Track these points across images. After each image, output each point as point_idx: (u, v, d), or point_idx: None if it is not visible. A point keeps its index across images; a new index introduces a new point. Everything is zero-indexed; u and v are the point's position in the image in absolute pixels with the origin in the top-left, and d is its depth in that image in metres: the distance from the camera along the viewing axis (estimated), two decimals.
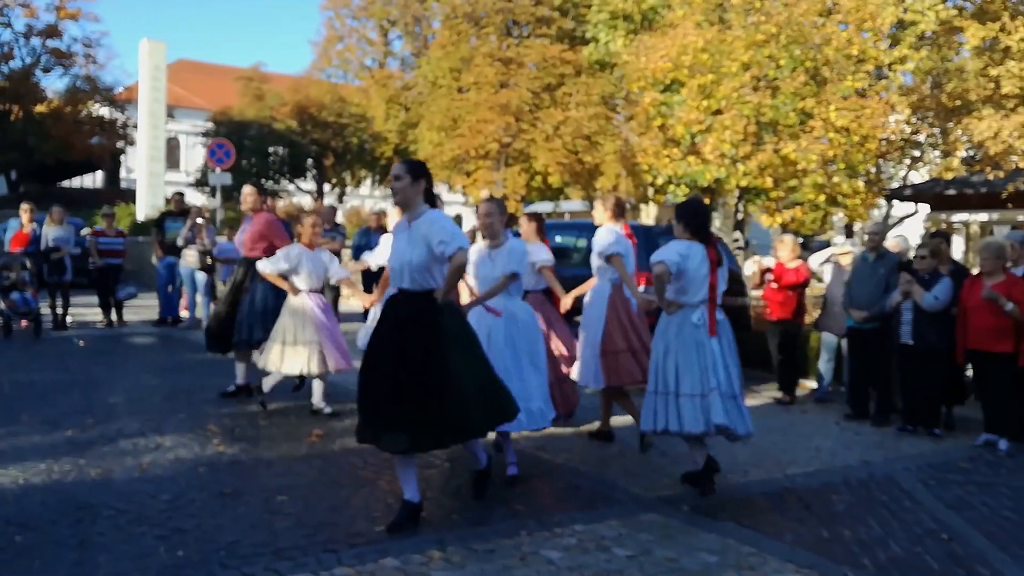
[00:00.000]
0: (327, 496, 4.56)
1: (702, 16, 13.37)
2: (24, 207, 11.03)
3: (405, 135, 30.46)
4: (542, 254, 6.16)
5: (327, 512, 4.30)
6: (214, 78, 44.50)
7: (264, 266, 6.58)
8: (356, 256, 13.04)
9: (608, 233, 6.21)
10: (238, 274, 7.28)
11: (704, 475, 4.93)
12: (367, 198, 44.42)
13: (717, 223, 19.58)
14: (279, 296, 6.75)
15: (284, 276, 6.53)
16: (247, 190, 7.41)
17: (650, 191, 29.35)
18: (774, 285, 8.31)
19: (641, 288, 6.60)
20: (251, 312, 6.90)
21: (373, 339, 4.23)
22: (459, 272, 4.11)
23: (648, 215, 35.42)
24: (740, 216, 14.57)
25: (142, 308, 13.29)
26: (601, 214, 6.46)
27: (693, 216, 5.05)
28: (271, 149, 32.48)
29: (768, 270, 8.46)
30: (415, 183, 4.20)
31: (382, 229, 12.41)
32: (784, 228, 13.63)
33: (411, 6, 31.44)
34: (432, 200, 4.32)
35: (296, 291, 6.49)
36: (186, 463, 5.11)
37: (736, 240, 13.90)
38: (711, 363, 4.83)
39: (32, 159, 31.05)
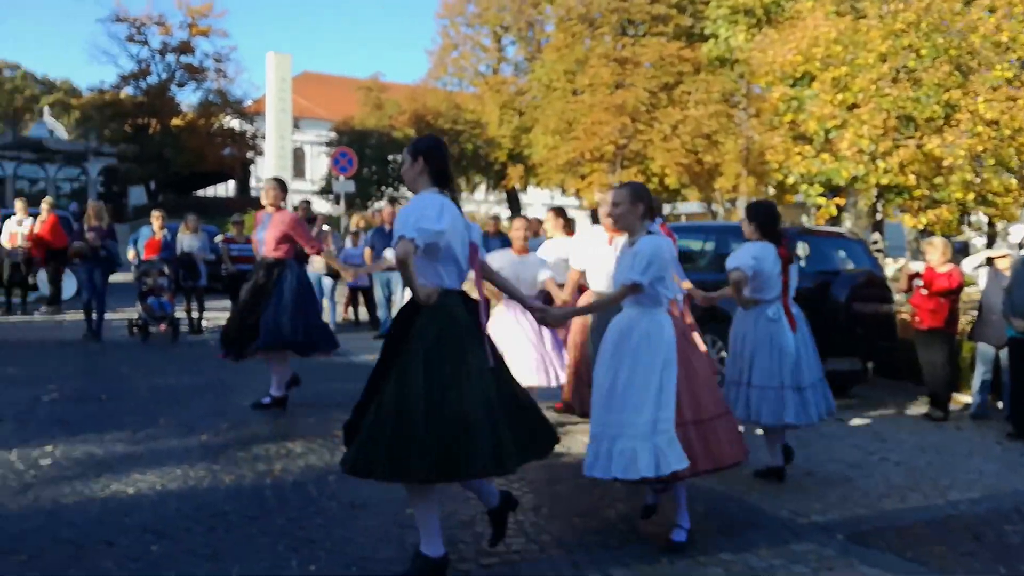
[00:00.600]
0: (457, 511, 4.41)
1: (833, 6, 12.66)
2: (155, 215, 11.45)
3: (519, 140, 30.52)
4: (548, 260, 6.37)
5: (457, 528, 4.15)
6: (336, 89, 45.91)
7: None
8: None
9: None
10: (259, 276, 6.56)
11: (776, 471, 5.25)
12: (482, 203, 44.82)
13: (848, 224, 18.60)
14: (309, 295, 6.62)
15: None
16: (268, 184, 6.78)
17: (771, 190, 28.39)
18: (924, 291, 7.69)
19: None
20: (278, 313, 6.39)
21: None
22: (400, 266, 3.37)
23: None
24: (879, 217, 13.73)
25: None
26: None
27: (765, 217, 5.24)
28: (390, 157, 33.17)
29: (917, 275, 7.85)
30: (413, 164, 3.69)
31: (500, 234, 12.37)
32: (925, 229, 12.76)
33: (524, 11, 31.48)
34: (442, 181, 3.68)
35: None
36: (316, 471, 5.08)
37: (875, 242, 13.10)
38: (786, 358, 5.13)
39: (168, 170, 32.81)
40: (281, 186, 6.72)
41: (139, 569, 3.53)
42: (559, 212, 7.03)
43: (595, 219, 32.08)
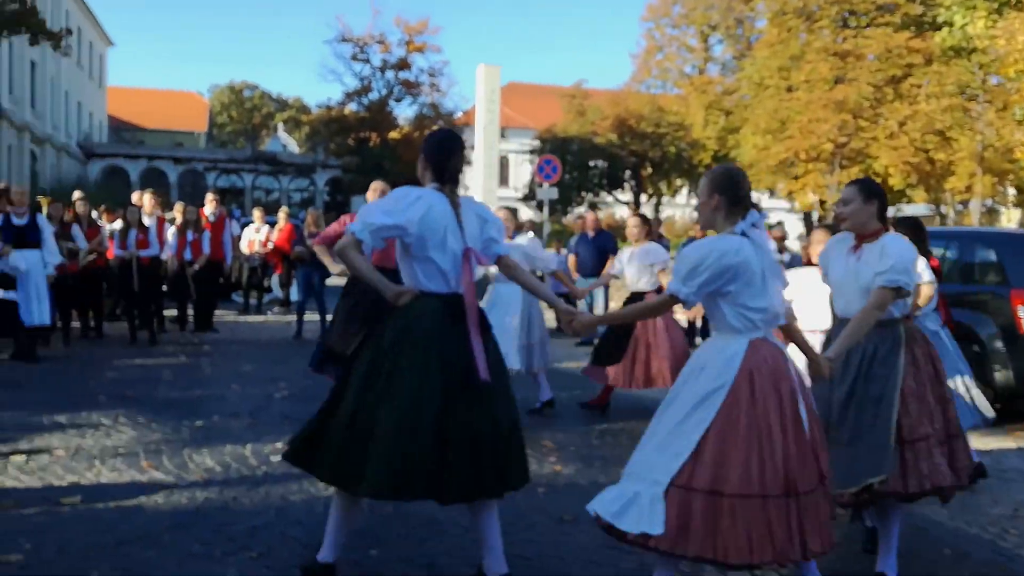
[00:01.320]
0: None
1: None
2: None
3: (724, 141, 29.57)
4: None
5: None
6: (540, 98, 46.73)
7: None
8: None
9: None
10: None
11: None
12: (684, 207, 43.87)
13: None
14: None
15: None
16: (377, 185, 6.61)
17: (1011, 191, 25.60)
18: None
19: None
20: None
21: None
22: (342, 259, 3.22)
23: (1010, 220, 30.92)
24: None
25: None
26: None
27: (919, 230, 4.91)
28: (591, 163, 33.23)
29: None
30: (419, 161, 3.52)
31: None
32: None
33: (734, 8, 30.48)
34: (441, 177, 3.40)
35: None
36: (546, 480, 5.04)
37: None
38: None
39: (387, 180, 34.69)
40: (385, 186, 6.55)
41: (355, 574, 3.61)
42: (644, 219, 7.36)
43: (807, 221, 30.43)
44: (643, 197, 35.93)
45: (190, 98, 57.15)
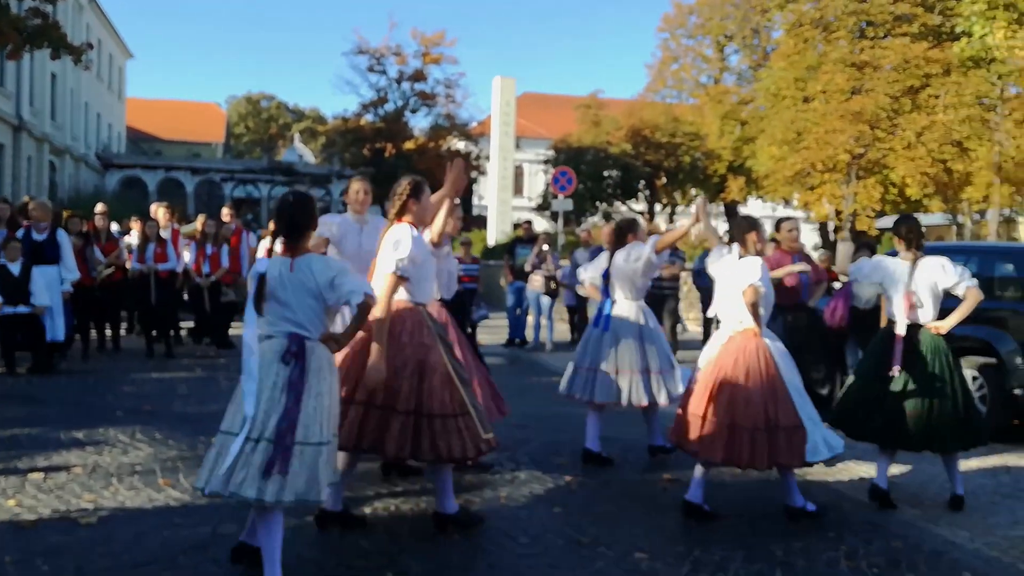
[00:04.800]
0: (686, 557, 4.16)
1: None
2: None
3: (740, 151, 29.48)
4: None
5: None
6: (555, 108, 46.75)
7: None
8: (696, 281, 12.64)
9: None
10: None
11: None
12: None
13: None
14: None
15: None
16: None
17: None
18: None
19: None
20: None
21: None
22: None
23: None
24: None
25: (493, 329, 14.00)
26: None
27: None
28: (606, 172, 33.18)
29: None
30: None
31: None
32: None
33: (751, 18, 30.43)
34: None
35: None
36: (541, 500, 5.02)
37: None
38: None
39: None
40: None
41: None
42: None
43: (823, 231, 30.24)
44: (657, 207, 35.85)
45: (208, 109, 57.59)
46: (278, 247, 3.78)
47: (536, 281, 12.59)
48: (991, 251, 8.51)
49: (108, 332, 10.98)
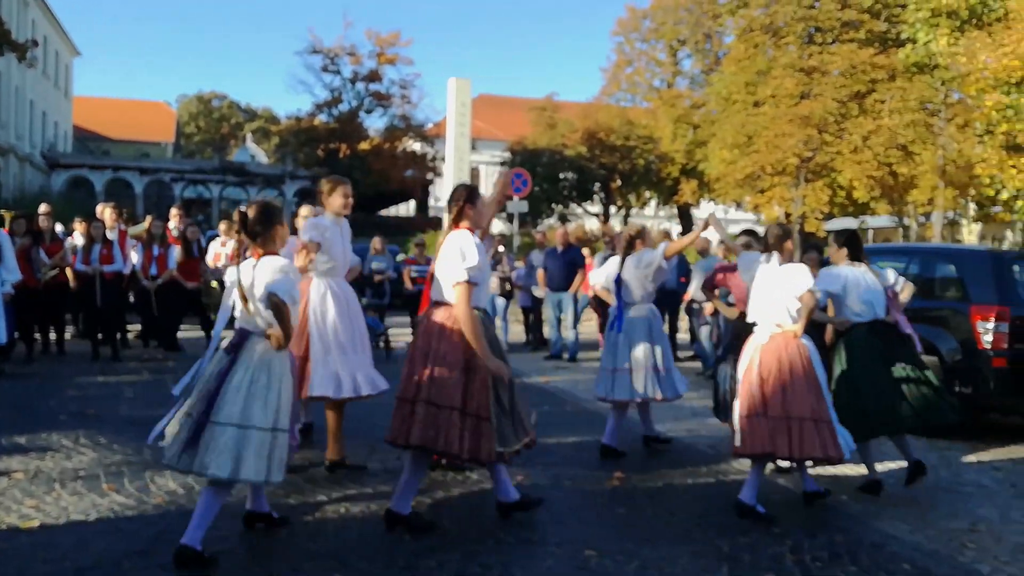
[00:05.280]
0: (635, 555, 4.21)
1: None
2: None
3: (692, 154, 29.88)
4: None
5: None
6: (510, 110, 46.86)
7: None
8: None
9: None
10: None
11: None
12: (652, 218, 44.16)
13: None
14: None
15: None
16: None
17: (972, 205, 26.09)
18: None
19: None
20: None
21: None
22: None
23: (971, 232, 31.51)
24: None
25: None
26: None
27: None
28: (561, 175, 33.36)
29: None
30: None
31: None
32: None
33: (703, 23, 30.87)
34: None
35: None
36: (490, 500, 4.98)
37: None
38: None
39: (356, 191, 34.58)
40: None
41: None
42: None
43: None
44: (612, 209, 36.14)
45: (157, 108, 56.52)
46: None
47: (491, 282, 12.60)
48: (932, 252, 8.72)
49: (52, 335, 10.72)
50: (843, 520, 4.94)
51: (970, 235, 31.25)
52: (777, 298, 5.04)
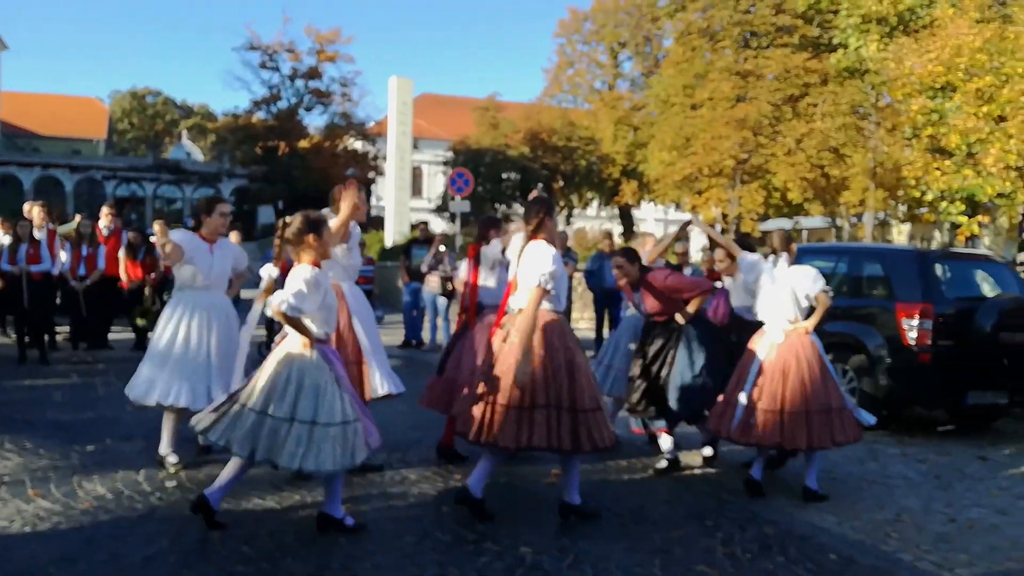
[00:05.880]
0: (571, 550, 4.25)
1: (977, 12, 11.87)
2: (276, 240, 11.85)
3: (633, 155, 30.24)
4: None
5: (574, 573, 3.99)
6: (453, 110, 46.78)
7: None
8: (589, 281, 12.87)
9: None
10: None
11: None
12: (593, 219, 44.57)
13: (986, 241, 17.39)
14: None
15: None
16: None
17: (901, 207, 26.96)
18: None
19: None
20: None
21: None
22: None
23: (900, 233, 32.56)
24: None
25: (389, 330, 13.89)
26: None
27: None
28: (504, 175, 33.43)
29: None
30: None
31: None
32: None
33: (642, 26, 31.26)
34: None
35: None
36: (430, 500, 5.03)
37: (1022, 263, 12.13)
38: None
39: (296, 190, 34.26)
40: None
41: None
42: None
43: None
44: (555, 209, 36.40)
45: (89, 104, 54.87)
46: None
47: (432, 282, 12.56)
48: (860, 252, 8.99)
49: None
50: (773, 513, 5.07)
51: (900, 235, 32.25)
52: (787, 297, 5.43)
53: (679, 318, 5.83)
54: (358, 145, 38.19)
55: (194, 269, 5.42)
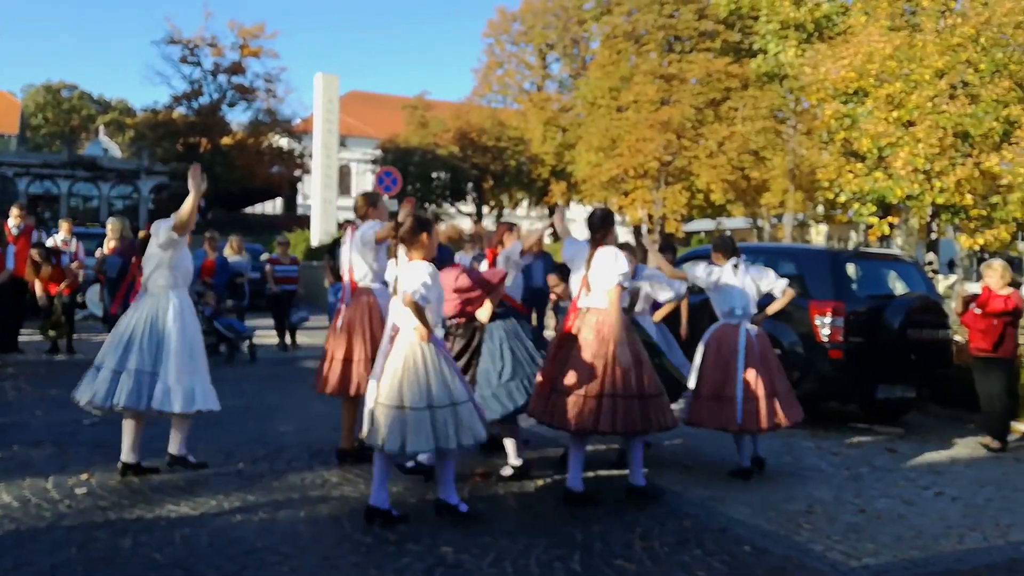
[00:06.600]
0: (492, 548, 4.27)
1: (887, 20, 12.35)
2: (207, 236, 11.62)
3: (561, 156, 30.51)
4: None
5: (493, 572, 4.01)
6: (382, 108, 46.38)
7: None
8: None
9: None
10: None
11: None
12: (524, 219, 44.82)
13: (899, 241, 18.12)
14: None
15: None
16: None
17: (819, 207, 27.89)
18: (977, 311, 7.38)
19: None
20: None
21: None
22: None
23: (819, 233, 33.66)
24: (934, 236, 13.30)
25: (315, 332, 13.68)
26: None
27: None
28: (434, 174, 33.31)
29: (973, 297, 7.54)
30: None
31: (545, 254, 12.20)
32: (983, 249, 12.34)
33: (570, 28, 31.56)
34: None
35: None
36: (350, 503, 4.97)
37: (930, 263, 12.67)
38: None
39: (219, 188, 33.43)
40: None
41: None
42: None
43: (637, 235, 31.83)
44: (485, 209, 36.40)
45: (0, 98, 52.59)
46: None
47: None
48: (775, 251, 9.26)
49: None
50: (691, 507, 5.18)
51: (818, 236, 33.29)
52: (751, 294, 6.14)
53: (480, 316, 5.46)
54: (284, 142, 37.52)
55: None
